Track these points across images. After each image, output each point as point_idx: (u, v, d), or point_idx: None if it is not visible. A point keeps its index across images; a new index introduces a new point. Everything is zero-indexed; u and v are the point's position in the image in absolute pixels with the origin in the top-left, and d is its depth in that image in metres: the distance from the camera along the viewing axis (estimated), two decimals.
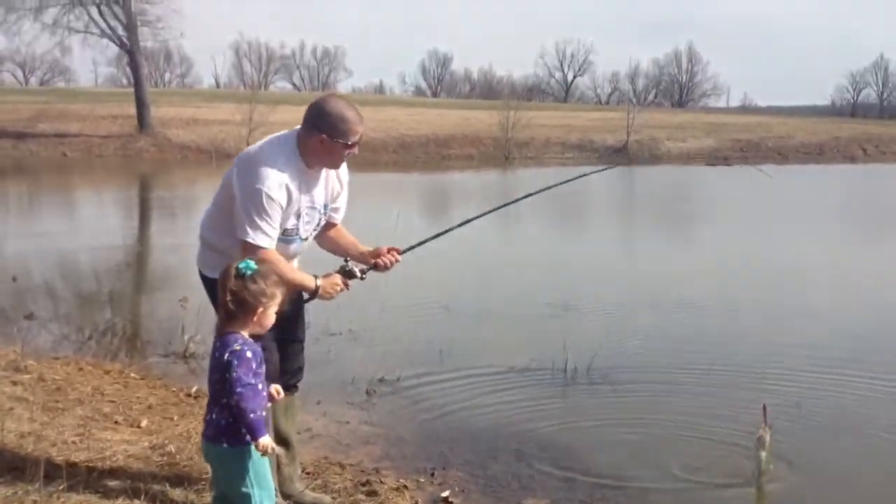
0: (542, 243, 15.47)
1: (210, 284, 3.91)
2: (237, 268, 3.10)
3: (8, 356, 6.52)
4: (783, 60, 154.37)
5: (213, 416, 3.11)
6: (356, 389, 6.37)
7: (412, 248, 4.14)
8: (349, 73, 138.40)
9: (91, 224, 17.69)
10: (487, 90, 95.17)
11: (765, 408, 4.67)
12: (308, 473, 4.53)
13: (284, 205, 3.71)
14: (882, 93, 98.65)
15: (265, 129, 21.35)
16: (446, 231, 4.30)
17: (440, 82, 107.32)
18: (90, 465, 4.22)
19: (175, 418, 5.41)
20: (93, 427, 4.88)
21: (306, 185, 3.81)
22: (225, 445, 3.07)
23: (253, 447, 3.03)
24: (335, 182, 4.01)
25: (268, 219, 3.67)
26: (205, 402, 5.68)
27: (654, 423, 5.78)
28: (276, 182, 3.66)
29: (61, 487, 3.78)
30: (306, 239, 3.96)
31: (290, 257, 3.90)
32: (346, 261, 4.02)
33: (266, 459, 3.12)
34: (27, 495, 3.66)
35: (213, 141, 37.32)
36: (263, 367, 3.11)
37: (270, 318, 3.17)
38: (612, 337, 7.61)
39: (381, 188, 19.68)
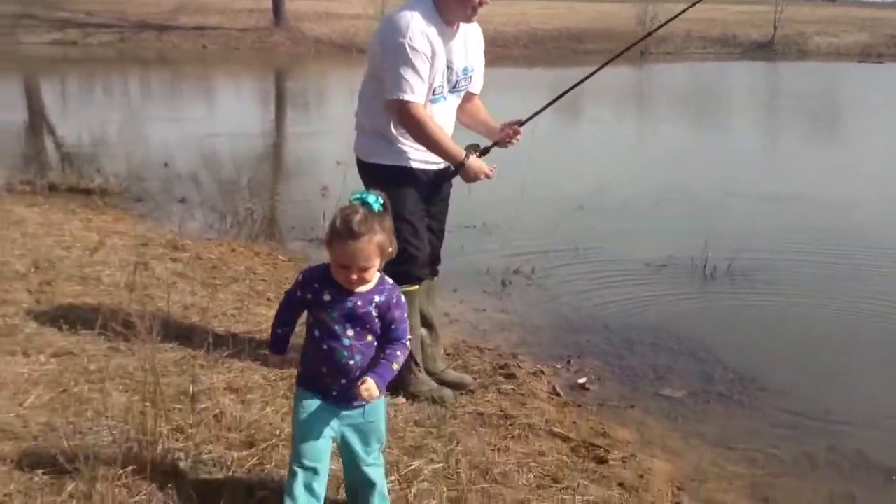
0: (680, 139, 15.05)
1: (366, 170, 4.02)
2: (356, 194, 2.58)
3: (167, 236, 6.95)
4: None
5: None
6: (491, 279, 6.48)
7: (530, 118, 4.11)
8: None
9: (231, 113, 18.25)
10: None
11: None
12: (449, 355, 4.69)
13: (430, 56, 3.72)
14: None
15: None
16: (558, 97, 4.25)
17: None
18: (249, 335, 4.50)
19: None
20: (248, 302, 5.18)
21: (446, 42, 3.82)
22: None
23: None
24: (473, 46, 4.01)
25: (414, 71, 3.69)
26: None
27: (797, 323, 5.69)
28: (418, 33, 3.69)
29: (225, 354, 4.06)
30: (446, 100, 3.96)
31: (437, 120, 3.91)
32: (468, 146, 4.04)
33: (300, 402, 2.61)
34: (195, 360, 3.94)
35: (345, 35, 37.43)
36: (318, 311, 2.57)
37: (335, 270, 2.54)
38: (756, 235, 7.38)
39: (512, 83, 19.43)
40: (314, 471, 2.59)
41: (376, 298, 2.59)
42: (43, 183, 9.19)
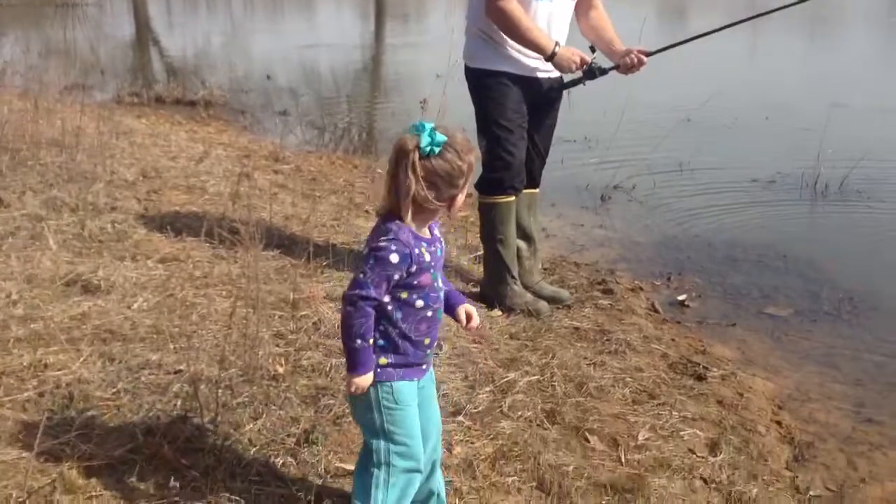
0: (791, 53, 14.30)
1: (469, 74, 3.94)
2: (418, 147, 2.05)
3: (268, 147, 7.05)
4: None
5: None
6: (590, 195, 6.36)
7: (660, 50, 3.94)
8: None
9: (331, 26, 18.23)
10: None
11: None
12: (546, 269, 4.65)
13: None
14: None
15: None
16: (697, 37, 4.03)
17: None
18: (347, 246, 4.55)
19: None
20: (348, 214, 5.23)
21: None
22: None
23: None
24: None
25: None
26: None
27: None
28: None
29: (325, 264, 4.12)
30: (553, 1, 3.81)
31: (542, 21, 3.78)
32: (592, 50, 3.90)
33: (411, 401, 2.22)
34: (295, 269, 4.00)
35: None
36: (423, 275, 2.14)
37: (461, 202, 2.17)
38: (871, 151, 6.99)
39: None
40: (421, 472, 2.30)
41: (437, 231, 2.26)
42: (150, 95, 9.43)
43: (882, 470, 3.12)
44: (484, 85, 3.88)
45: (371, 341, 2.12)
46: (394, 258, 2.07)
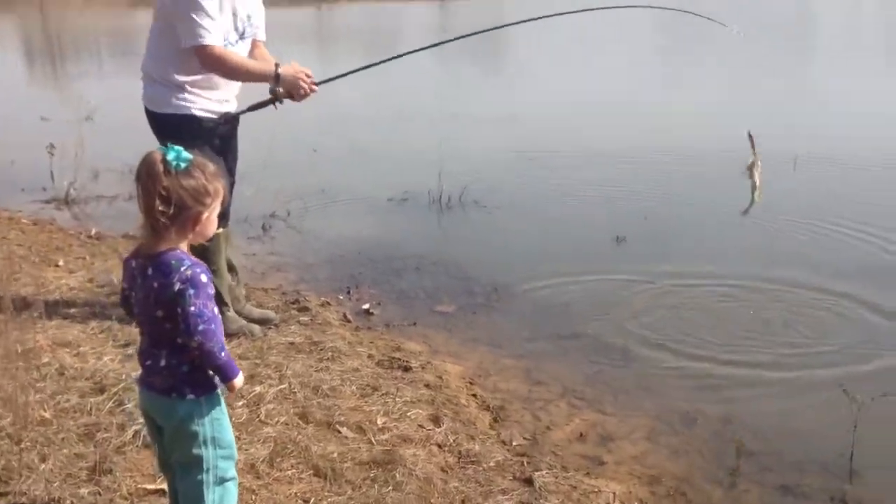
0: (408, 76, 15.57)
1: (157, 121, 4.19)
2: (165, 160, 2.23)
3: None
4: None
5: (164, 362, 2.33)
6: (251, 226, 6.77)
7: (325, 81, 4.46)
8: None
9: None
10: None
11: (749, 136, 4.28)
12: None
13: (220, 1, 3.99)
14: None
15: None
16: (367, 66, 4.58)
17: None
18: (42, 298, 4.52)
19: (87, 258, 5.68)
20: (23, 265, 5.11)
21: None
22: (190, 397, 2.35)
23: (220, 392, 2.42)
24: None
25: (209, 15, 3.94)
26: (109, 244, 5.97)
27: (526, 234, 6.65)
28: None
29: (35, 315, 4.10)
30: (234, 47, 4.18)
31: None
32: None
33: (225, 410, 2.47)
34: (4, 324, 3.95)
35: None
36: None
37: (214, 223, 2.36)
38: (485, 164, 8.27)
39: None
40: None
41: None
42: None
43: (557, 418, 3.98)
44: (179, 129, 4.14)
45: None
46: (204, 278, 2.26)
